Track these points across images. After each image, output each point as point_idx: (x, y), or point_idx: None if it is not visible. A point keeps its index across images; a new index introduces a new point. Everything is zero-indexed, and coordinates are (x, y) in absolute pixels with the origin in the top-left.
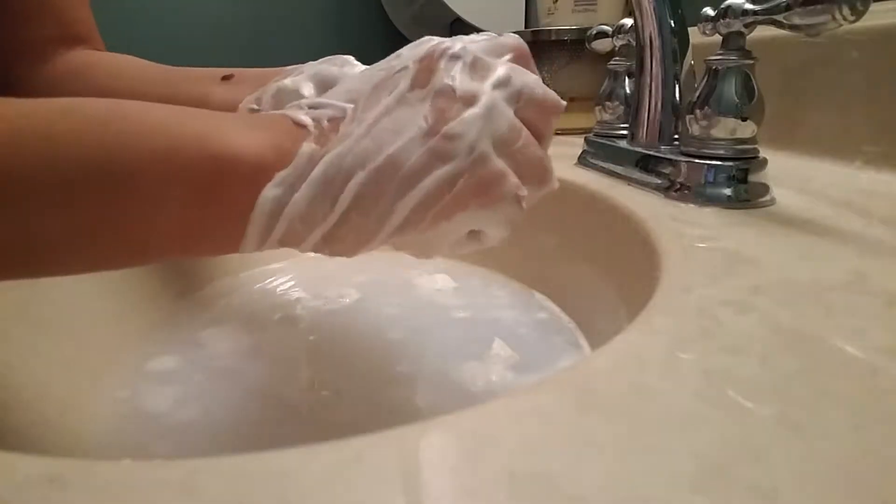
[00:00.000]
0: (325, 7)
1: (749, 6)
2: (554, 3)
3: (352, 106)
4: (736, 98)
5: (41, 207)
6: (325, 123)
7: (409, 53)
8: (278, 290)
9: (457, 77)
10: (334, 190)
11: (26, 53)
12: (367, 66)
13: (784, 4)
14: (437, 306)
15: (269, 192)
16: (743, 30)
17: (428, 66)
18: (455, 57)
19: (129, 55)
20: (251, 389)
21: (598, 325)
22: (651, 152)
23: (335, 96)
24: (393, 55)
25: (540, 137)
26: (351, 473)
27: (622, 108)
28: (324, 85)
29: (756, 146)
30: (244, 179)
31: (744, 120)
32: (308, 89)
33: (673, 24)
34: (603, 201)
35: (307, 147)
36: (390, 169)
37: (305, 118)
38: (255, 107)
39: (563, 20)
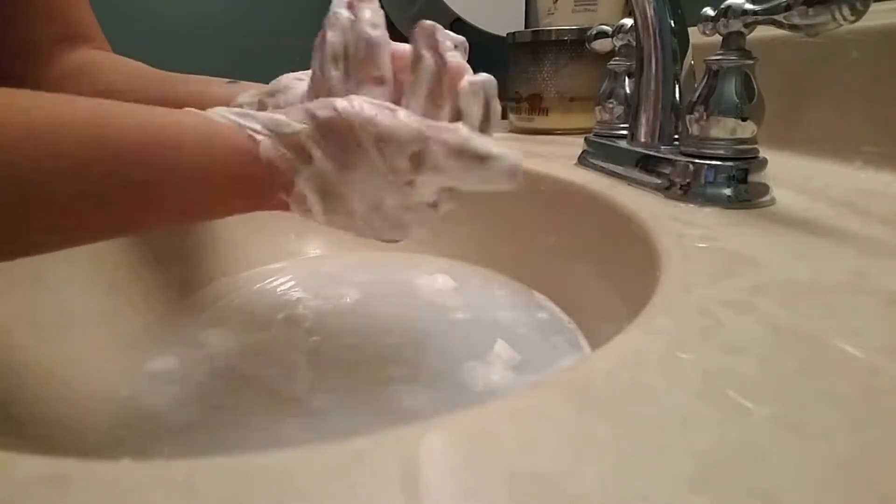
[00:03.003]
0: (325, 7)
1: (749, 6)
2: (554, 3)
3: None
4: (736, 98)
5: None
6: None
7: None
8: (278, 290)
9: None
10: None
11: (28, 53)
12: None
13: (784, 4)
14: (437, 306)
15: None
16: (743, 30)
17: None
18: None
19: (129, 59)
20: (251, 389)
21: (598, 325)
22: (651, 152)
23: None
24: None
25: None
26: (351, 473)
27: (622, 108)
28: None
29: (756, 146)
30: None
31: (744, 120)
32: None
33: (673, 24)
34: (603, 201)
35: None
36: None
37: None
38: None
39: (563, 20)
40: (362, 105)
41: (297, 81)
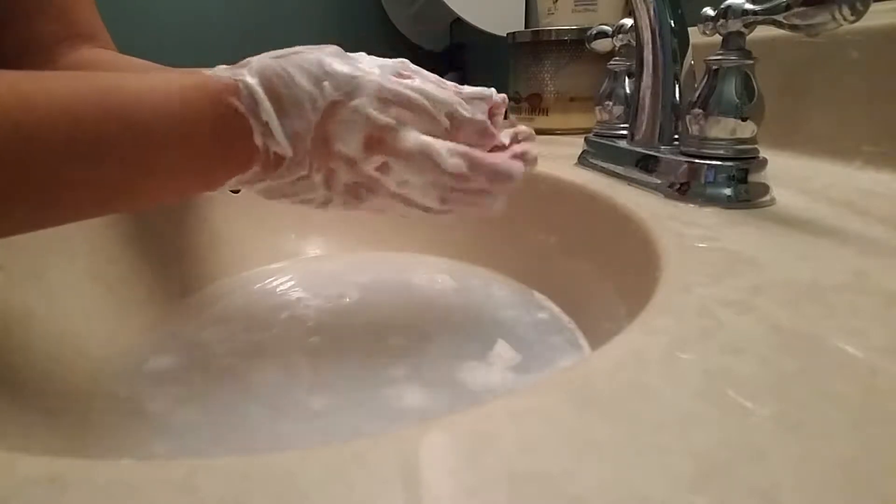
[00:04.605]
0: (325, 7)
1: (749, 6)
2: (554, 3)
3: (290, 154)
4: (736, 98)
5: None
6: (272, 156)
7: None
8: (278, 290)
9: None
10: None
11: (30, 53)
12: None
13: (784, 4)
14: (437, 306)
15: (230, 183)
16: (743, 30)
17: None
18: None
19: (132, 57)
20: (251, 389)
21: (598, 325)
22: (651, 152)
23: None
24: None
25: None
26: (351, 473)
27: (622, 108)
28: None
29: (756, 146)
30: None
31: (744, 120)
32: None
33: (673, 24)
34: (603, 201)
35: (254, 169)
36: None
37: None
38: None
39: (563, 20)
40: None
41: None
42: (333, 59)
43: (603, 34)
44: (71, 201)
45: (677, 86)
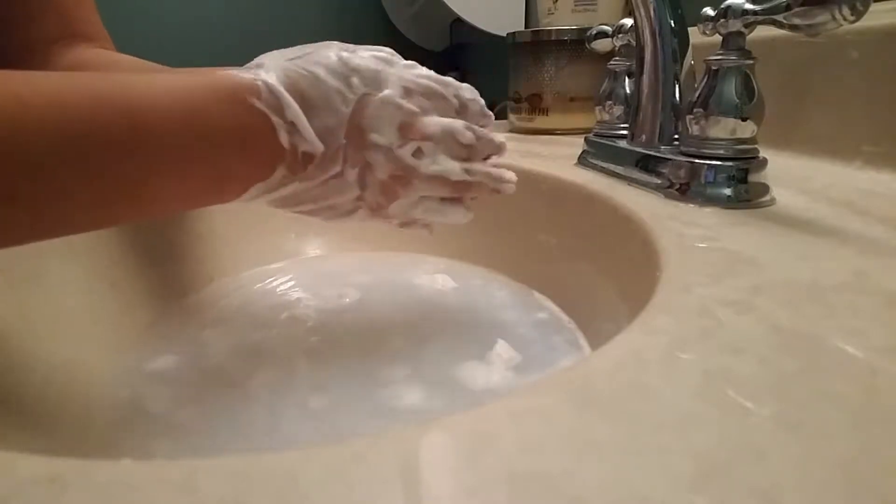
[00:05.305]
0: (325, 7)
1: (749, 6)
2: (554, 3)
3: (322, 149)
4: (736, 98)
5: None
6: (300, 156)
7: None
8: (278, 290)
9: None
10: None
11: (28, 53)
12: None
13: (784, 4)
14: (437, 306)
15: (250, 193)
16: (743, 30)
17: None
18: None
19: (130, 56)
20: (251, 389)
21: (598, 325)
22: (651, 152)
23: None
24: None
25: None
26: (351, 473)
27: (622, 108)
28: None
29: (756, 146)
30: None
31: (744, 120)
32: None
33: (673, 24)
34: (603, 201)
35: (280, 173)
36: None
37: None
38: None
39: (563, 20)
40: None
41: None
42: (350, 54)
43: (603, 34)
44: (73, 207)
45: (677, 86)
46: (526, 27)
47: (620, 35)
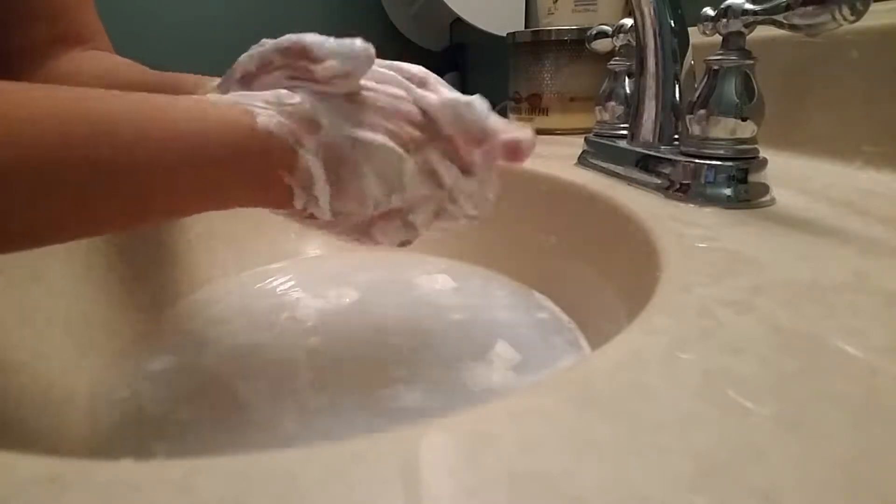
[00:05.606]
0: (325, 7)
1: (749, 6)
2: (554, 3)
3: (330, 218)
4: (736, 98)
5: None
6: (306, 213)
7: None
8: (278, 290)
9: None
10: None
11: (24, 55)
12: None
13: (784, 4)
14: (437, 306)
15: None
16: (743, 30)
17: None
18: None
19: (125, 59)
20: (251, 390)
21: (598, 325)
22: (651, 152)
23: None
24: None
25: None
26: (351, 473)
27: (622, 108)
28: None
29: (756, 146)
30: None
31: (744, 120)
32: None
33: (673, 24)
34: (603, 201)
35: (280, 211)
36: None
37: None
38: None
39: (563, 20)
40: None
41: None
42: (406, 164)
43: (603, 34)
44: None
45: (677, 86)
46: (526, 27)
47: (620, 35)
